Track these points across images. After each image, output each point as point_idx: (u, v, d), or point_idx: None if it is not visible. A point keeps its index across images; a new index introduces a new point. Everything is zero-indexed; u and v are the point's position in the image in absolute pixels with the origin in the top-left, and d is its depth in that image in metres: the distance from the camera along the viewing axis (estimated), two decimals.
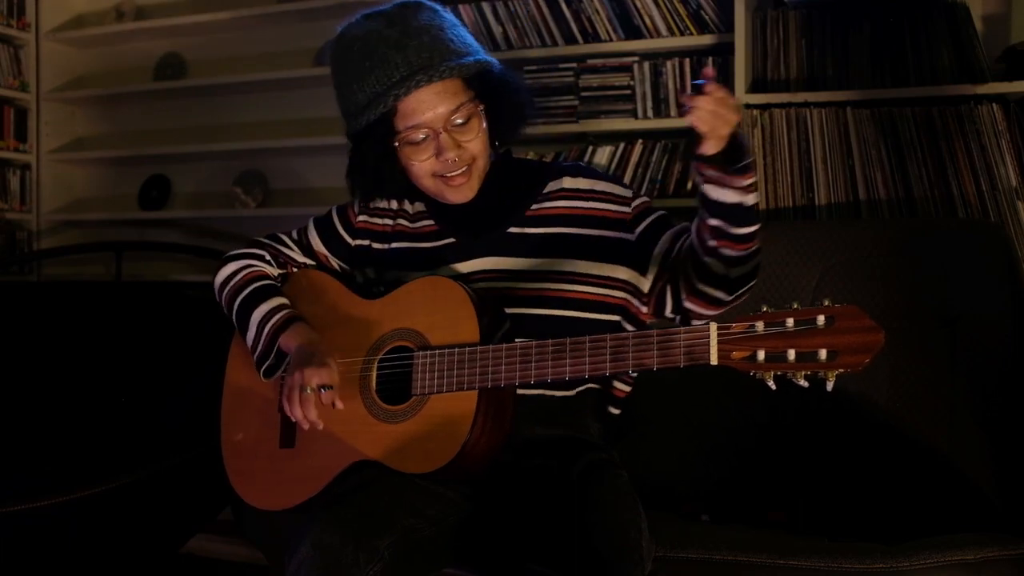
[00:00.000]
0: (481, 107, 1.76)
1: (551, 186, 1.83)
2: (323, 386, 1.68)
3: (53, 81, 4.08)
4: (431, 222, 1.85)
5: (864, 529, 1.91)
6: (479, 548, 1.67)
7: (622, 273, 1.77)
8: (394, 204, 1.89)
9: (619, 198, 1.81)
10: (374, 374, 1.73)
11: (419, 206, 1.87)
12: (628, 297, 1.78)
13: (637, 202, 1.81)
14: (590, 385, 1.77)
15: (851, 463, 2.08)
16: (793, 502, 2.08)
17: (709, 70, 1.46)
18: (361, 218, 1.89)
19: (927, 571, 1.63)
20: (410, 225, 1.86)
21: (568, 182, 1.83)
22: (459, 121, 1.73)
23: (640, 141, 3.04)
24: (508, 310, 1.71)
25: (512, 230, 1.79)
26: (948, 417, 2.06)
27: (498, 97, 1.78)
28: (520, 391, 1.68)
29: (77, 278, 3.96)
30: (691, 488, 2.16)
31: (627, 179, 3.00)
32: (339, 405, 1.70)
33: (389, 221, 1.88)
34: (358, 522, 1.53)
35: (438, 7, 1.80)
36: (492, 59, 1.79)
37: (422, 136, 1.73)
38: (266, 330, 1.80)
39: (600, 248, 1.77)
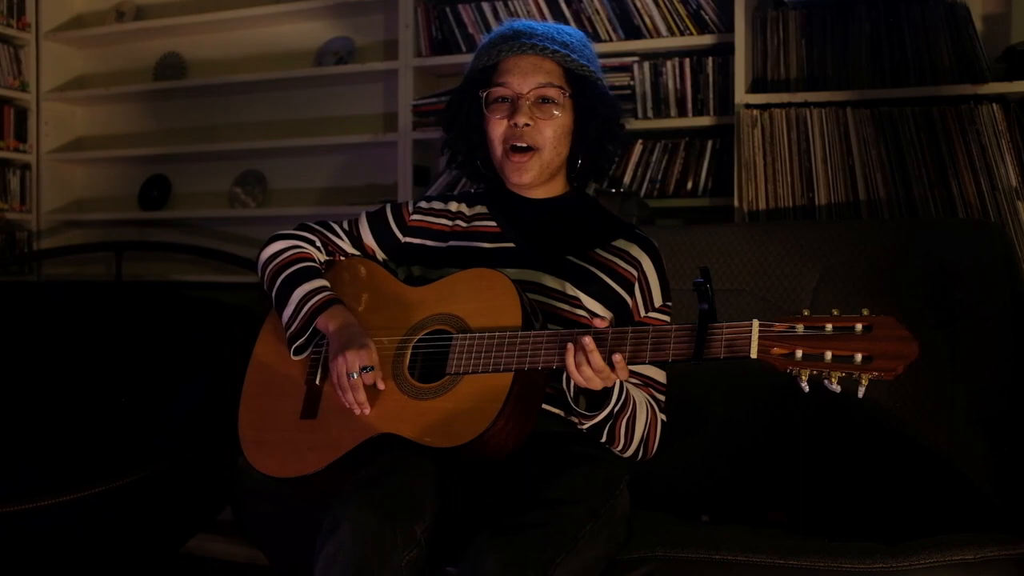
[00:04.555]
0: (569, 100, 1.84)
1: (620, 243, 1.89)
2: (364, 367, 1.70)
3: (53, 81, 4.08)
4: (493, 223, 1.90)
5: (864, 529, 1.90)
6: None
7: None
8: (452, 206, 1.95)
9: (651, 304, 1.87)
10: (408, 352, 1.75)
11: (479, 208, 1.93)
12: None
13: (656, 314, 1.87)
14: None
15: (851, 463, 2.08)
16: (793, 502, 2.08)
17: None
18: (415, 217, 1.95)
19: (927, 571, 1.62)
20: (467, 226, 1.92)
21: (636, 251, 1.88)
22: (542, 98, 1.82)
23: (640, 141, 3.04)
24: None
25: (571, 258, 1.85)
26: (948, 417, 2.06)
27: (590, 109, 1.85)
28: None
29: (77, 278, 3.96)
30: (691, 488, 2.16)
31: (627, 179, 3.01)
32: (381, 386, 1.73)
33: (447, 221, 1.93)
34: (394, 505, 1.55)
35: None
36: (601, 75, 1.89)
37: (505, 95, 1.83)
38: (305, 309, 1.82)
39: (627, 318, 1.84)
